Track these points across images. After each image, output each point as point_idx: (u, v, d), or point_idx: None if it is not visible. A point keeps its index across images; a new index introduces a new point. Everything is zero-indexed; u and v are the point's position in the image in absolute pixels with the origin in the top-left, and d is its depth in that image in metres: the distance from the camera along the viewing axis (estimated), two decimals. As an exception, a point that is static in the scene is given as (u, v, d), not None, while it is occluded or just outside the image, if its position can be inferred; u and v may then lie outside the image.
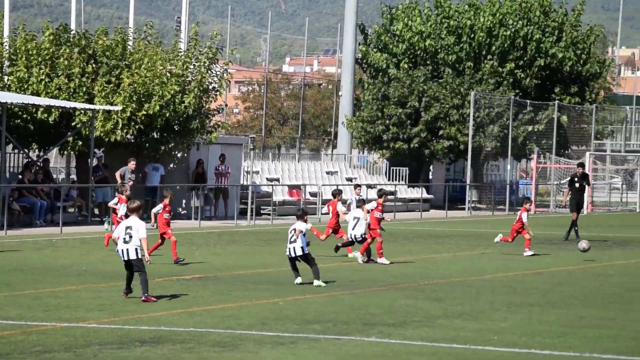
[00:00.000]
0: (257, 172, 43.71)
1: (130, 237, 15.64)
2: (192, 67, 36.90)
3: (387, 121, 48.92)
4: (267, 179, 43.74)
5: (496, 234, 25.54)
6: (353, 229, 22.37)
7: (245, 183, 40.48)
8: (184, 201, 38.10)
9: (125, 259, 15.68)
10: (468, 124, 47.14)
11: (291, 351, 11.92)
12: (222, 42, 40.33)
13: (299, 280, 18.09)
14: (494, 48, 51.47)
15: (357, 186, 28.99)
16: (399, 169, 49.40)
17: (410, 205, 46.99)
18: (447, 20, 52.18)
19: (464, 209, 46.42)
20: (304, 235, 17.90)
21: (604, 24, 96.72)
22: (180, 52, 37.56)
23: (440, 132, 48.49)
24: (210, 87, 37.36)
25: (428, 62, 51.92)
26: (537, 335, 13.12)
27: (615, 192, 57.44)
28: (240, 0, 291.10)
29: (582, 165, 32.06)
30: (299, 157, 60.83)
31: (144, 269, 15.75)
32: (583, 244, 23.24)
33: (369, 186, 44.94)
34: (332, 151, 60.23)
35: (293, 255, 17.94)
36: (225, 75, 37.90)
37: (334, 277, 19.58)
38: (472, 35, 51.63)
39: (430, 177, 54.17)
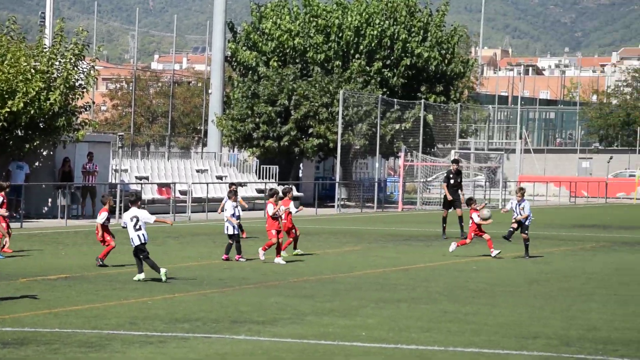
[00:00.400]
0: (126, 171, 43.19)
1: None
2: (57, 63, 36.21)
3: (257, 119, 48.98)
4: (136, 177, 43.26)
5: (365, 230, 25.82)
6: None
7: (113, 181, 39.95)
8: (49, 200, 37.38)
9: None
10: (337, 122, 47.57)
11: (160, 350, 11.84)
12: (89, 38, 39.59)
13: (141, 276, 18.45)
14: (361, 47, 52.06)
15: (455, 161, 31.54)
16: (269, 167, 49.52)
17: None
18: (316, 19, 52.54)
19: (333, 206, 46.82)
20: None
21: (467, 24, 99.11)
22: (45, 48, 36.82)
23: (310, 130, 48.79)
24: (77, 84, 36.73)
25: (297, 60, 52.18)
26: (403, 331, 13.35)
27: (479, 190, 58.76)
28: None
29: (456, 161, 31.62)
30: (169, 155, 60.29)
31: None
32: (485, 212, 23.61)
33: (240, 184, 44.88)
34: (202, 149, 59.90)
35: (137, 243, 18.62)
36: (92, 72, 37.31)
37: (203, 275, 19.52)
38: (341, 34, 52.12)
39: (300, 175, 54.45)
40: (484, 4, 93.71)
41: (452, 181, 30.22)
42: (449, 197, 30.01)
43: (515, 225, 24.10)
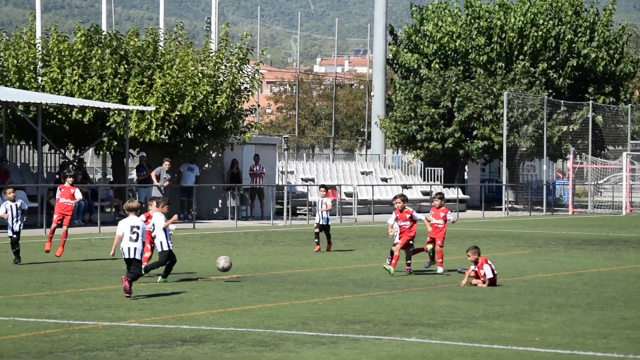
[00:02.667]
0: (292, 173, 43.77)
1: (138, 236, 15.72)
2: (223, 67, 37.00)
3: (420, 121, 48.85)
4: (302, 179, 43.76)
5: (534, 234, 25.35)
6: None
7: (280, 183, 40.52)
8: (219, 201, 38.19)
9: (128, 257, 15.82)
10: (502, 124, 46.96)
11: (332, 351, 11.89)
12: (253, 42, 40.33)
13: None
14: (525, 48, 51.26)
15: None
16: (434, 169, 49.28)
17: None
18: (478, 21, 52.02)
19: (500, 209, 46.21)
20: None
21: (636, 23, 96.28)
22: (211, 52, 37.67)
23: (474, 132, 48.34)
24: (242, 87, 37.45)
25: (459, 62, 51.79)
26: (579, 337, 13.02)
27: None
28: (270, 1, 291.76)
29: None
30: (333, 157, 60.84)
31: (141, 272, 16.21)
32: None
33: (405, 186, 44.86)
34: (366, 151, 60.17)
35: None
36: (256, 75, 37.98)
37: (372, 277, 19.54)
38: (503, 36, 51.44)
39: (466, 177, 54.01)
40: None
41: None
42: None
43: None
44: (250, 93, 38.27)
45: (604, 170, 52.89)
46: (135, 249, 15.74)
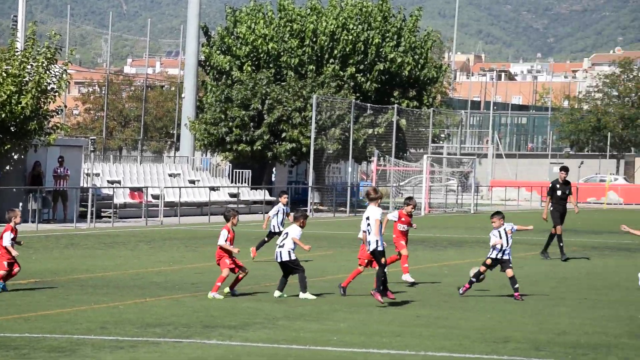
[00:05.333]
0: (98, 175, 43.03)
1: None
2: (29, 67, 36.02)
3: (230, 123, 48.92)
4: (108, 181, 43.09)
5: (337, 235, 25.75)
6: None
7: (85, 185, 39.78)
8: (20, 204, 37.15)
9: None
10: (310, 126, 47.59)
11: (131, 355, 11.80)
12: (61, 42, 39.51)
13: (277, 294, 17.16)
14: (335, 52, 52.12)
15: None
16: (242, 172, 49.46)
17: (253, 207, 47.12)
18: (291, 24, 52.55)
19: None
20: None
21: (440, 29, 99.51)
22: (17, 51, 36.62)
23: (283, 135, 48.79)
24: (49, 87, 36.55)
25: (271, 65, 52.17)
26: (375, 335, 13.37)
27: (451, 194, 58.95)
28: (80, 0, 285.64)
29: (565, 169, 26.20)
30: (141, 159, 60.11)
31: None
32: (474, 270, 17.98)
33: (212, 188, 44.84)
34: (174, 153, 59.78)
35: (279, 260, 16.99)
36: (64, 75, 37.13)
37: (175, 280, 19.47)
38: (315, 39, 52.16)
39: (273, 179, 54.43)
40: (457, 10, 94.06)
41: (559, 192, 25.86)
42: (544, 215, 25.93)
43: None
44: (57, 94, 37.41)
45: (405, 173, 54.38)
46: None
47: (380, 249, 15.93)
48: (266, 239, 24.38)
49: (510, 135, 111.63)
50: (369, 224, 16.03)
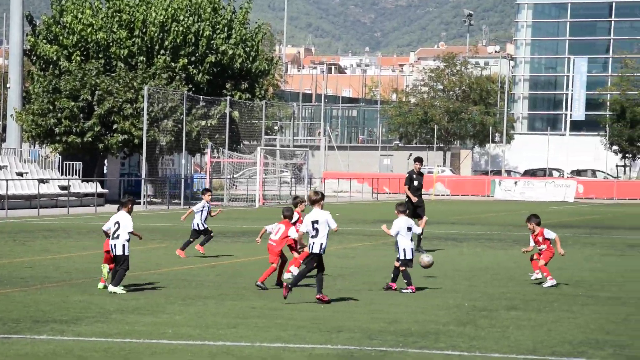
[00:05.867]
0: None
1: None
2: None
3: (59, 114, 47.87)
4: None
5: (171, 227, 25.54)
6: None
7: None
8: None
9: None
10: (142, 118, 47.05)
11: (-43, 353, 11.43)
12: None
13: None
14: (166, 43, 51.67)
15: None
16: (72, 163, 48.49)
17: (84, 200, 46.24)
18: (119, 14, 51.77)
19: (139, 203, 46.25)
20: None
21: (271, 22, 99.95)
22: None
23: (115, 126, 48.07)
24: None
25: (100, 55, 51.28)
26: (211, 327, 13.35)
27: (285, 186, 59.38)
28: None
29: (420, 160, 26.47)
30: (-35, 151, 58.04)
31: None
32: (426, 259, 18.23)
33: (41, 181, 43.75)
34: (0, 145, 58.00)
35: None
36: None
37: (3, 274, 18.94)
38: (145, 30, 51.55)
39: (105, 171, 53.57)
40: (287, 3, 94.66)
41: (416, 183, 26.00)
42: (414, 199, 25.57)
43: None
44: None
45: (239, 165, 54.45)
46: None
47: (322, 252, 15.65)
48: (191, 239, 23.48)
49: (341, 127, 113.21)
50: (316, 228, 15.60)
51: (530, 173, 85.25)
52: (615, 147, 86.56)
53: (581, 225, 38.32)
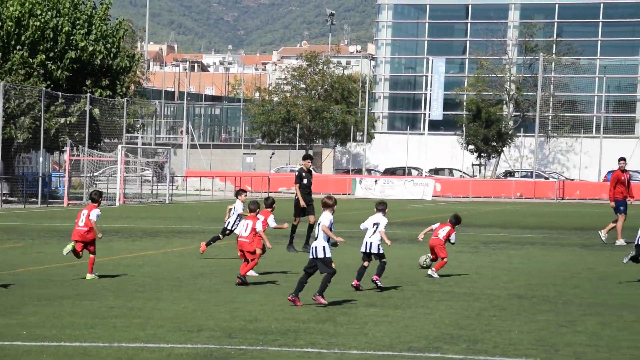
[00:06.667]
0: None
1: None
2: None
3: None
4: None
5: (28, 226, 25.02)
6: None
7: None
8: None
9: None
10: (-2, 115, 45.90)
11: None
12: None
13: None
14: (23, 38, 50.53)
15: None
16: None
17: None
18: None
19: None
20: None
21: (132, 19, 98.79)
22: None
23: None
24: None
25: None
26: (67, 328, 13.14)
27: (147, 184, 58.80)
28: None
29: (310, 157, 26.26)
30: None
31: None
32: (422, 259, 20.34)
33: None
34: None
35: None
36: None
37: None
38: (1, 25, 50.30)
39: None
40: (148, 0, 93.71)
41: (305, 181, 25.70)
42: (302, 203, 25.45)
43: None
44: None
45: (99, 163, 53.64)
46: None
47: (328, 255, 15.44)
48: (220, 235, 22.57)
49: (204, 125, 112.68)
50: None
51: (390, 172, 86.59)
52: (471, 147, 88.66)
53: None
